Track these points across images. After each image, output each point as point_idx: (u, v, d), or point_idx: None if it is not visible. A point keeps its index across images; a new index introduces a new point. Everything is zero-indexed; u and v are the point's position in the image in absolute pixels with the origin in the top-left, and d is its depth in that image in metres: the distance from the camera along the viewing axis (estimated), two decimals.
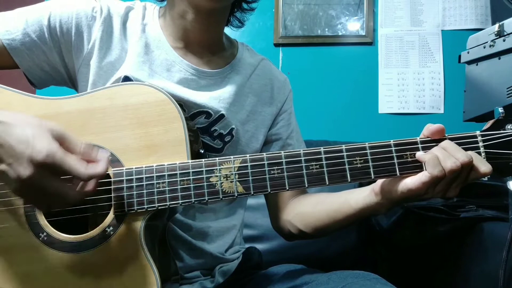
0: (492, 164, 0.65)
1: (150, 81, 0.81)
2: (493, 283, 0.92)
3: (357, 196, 0.77)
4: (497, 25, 0.91)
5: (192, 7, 0.83)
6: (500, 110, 0.68)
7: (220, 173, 0.69)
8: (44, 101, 0.74)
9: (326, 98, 1.97)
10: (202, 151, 0.79)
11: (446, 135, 0.68)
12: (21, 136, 0.58)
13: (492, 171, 0.64)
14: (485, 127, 0.69)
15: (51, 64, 0.84)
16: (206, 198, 0.69)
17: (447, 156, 0.64)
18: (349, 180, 0.68)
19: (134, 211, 0.69)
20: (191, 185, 0.69)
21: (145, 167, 0.70)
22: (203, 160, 0.70)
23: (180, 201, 0.69)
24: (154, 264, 0.68)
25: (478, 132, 0.68)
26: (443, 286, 1.20)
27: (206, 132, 0.85)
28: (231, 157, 0.70)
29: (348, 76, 1.97)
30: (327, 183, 0.68)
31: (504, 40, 0.90)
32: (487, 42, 0.94)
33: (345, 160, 0.68)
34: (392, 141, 0.68)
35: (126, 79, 0.81)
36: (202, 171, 0.69)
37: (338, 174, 0.68)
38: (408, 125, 1.92)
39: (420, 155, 0.66)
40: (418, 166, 0.67)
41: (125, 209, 0.69)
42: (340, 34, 2.00)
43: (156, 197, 0.69)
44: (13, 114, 0.62)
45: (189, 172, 0.69)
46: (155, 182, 0.69)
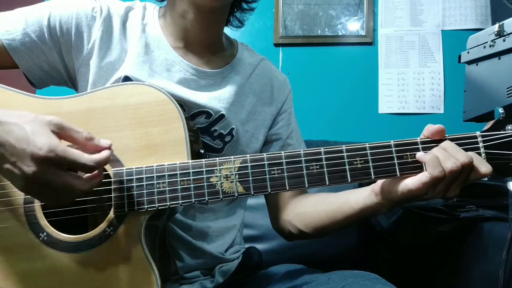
0: (492, 165, 0.65)
1: (150, 81, 0.81)
2: (493, 283, 0.92)
3: (357, 196, 0.77)
4: (497, 25, 0.91)
5: (193, 7, 0.83)
6: (501, 110, 0.68)
7: (220, 173, 0.69)
8: (44, 101, 0.74)
9: (326, 98, 1.97)
10: (202, 151, 0.79)
11: (446, 135, 0.68)
12: (20, 134, 0.58)
13: (492, 172, 0.64)
14: (485, 128, 0.69)
15: (51, 64, 0.84)
16: (206, 198, 0.69)
17: (447, 157, 0.64)
18: (349, 181, 0.68)
19: (134, 211, 0.69)
20: (191, 185, 0.69)
21: (145, 167, 0.70)
22: (203, 160, 0.70)
23: (180, 201, 0.69)
24: (154, 264, 0.68)
25: (478, 133, 0.68)
26: (443, 286, 1.19)
27: (206, 132, 0.85)
28: (231, 157, 0.70)
29: (348, 76, 1.97)
30: (327, 183, 0.68)
31: (504, 40, 0.90)
32: (487, 42, 0.94)
33: (345, 160, 0.68)
34: (392, 141, 0.68)
35: (126, 79, 0.81)
36: (202, 171, 0.69)
37: (338, 174, 0.68)
38: (408, 125, 1.92)
39: (420, 156, 0.67)
40: (418, 167, 0.67)
41: (125, 209, 0.69)
42: (340, 34, 2.00)
43: (156, 197, 0.69)
44: (9, 112, 0.61)
45: (189, 172, 0.69)
46: (155, 182, 0.69)
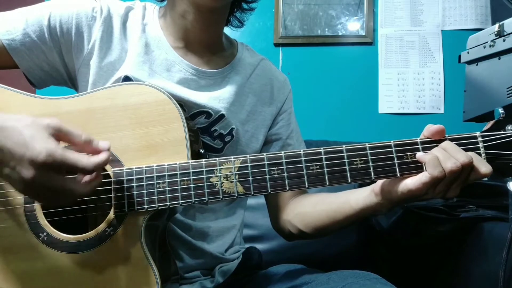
0: (492, 165, 0.65)
1: (150, 81, 0.81)
2: (493, 283, 0.92)
3: (357, 196, 0.77)
4: (497, 25, 0.91)
5: (193, 7, 0.83)
6: (500, 111, 0.68)
7: (221, 173, 0.69)
8: (44, 101, 0.74)
9: (326, 98, 1.96)
10: (202, 151, 0.79)
11: (446, 135, 0.68)
12: (18, 138, 0.58)
13: (492, 172, 0.64)
14: (485, 128, 0.69)
15: (51, 64, 0.84)
16: (206, 198, 0.69)
17: (447, 157, 0.64)
18: (349, 181, 0.68)
19: (134, 211, 0.69)
20: (191, 185, 0.69)
21: (145, 167, 0.70)
22: (203, 160, 0.70)
23: (180, 201, 0.69)
24: (154, 264, 0.68)
25: (478, 133, 0.68)
26: (443, 286, 1.19)
27: (206, 132, 0.85)
28: (232, 157, 0.70)
29: (348, 76, 1.97)
30: (327, 183, 0.68)
31: (504, 40, 0.90)
32: (487, 42, 0.94)
33: (346, 160, 0.68)
34: (392, 141, 0.68)
35: (126, 79, 0.81)
36: (203, 171, 0.69)
37: (339, 174, 0.68)
38: (408, 125, 1.92)
39: (420, 156, 0.67)
40: (418, 167, 0.67)
41: (125, 209, 0.69)
42: (340, 34, 2.00)
43: (156, 197, 0.69)
44: (6, 116, 0.61)
45: (189, 172, 0.69)
46: (155, 182, 0.69)
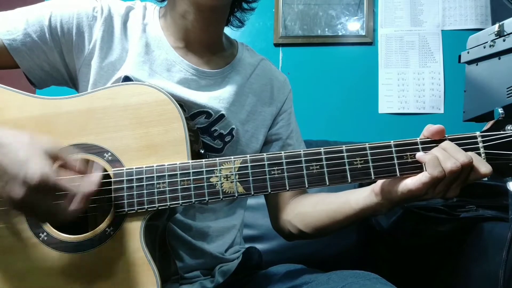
0: (492, 165, 0.65)
1: (150, 81, 0.81)
2: (493, 283, 0.92)
3: (357, 197, 0.77)
4: (497, 25, 0.91)
5: (194, 7, 0.83)
6: (500, 111, 0.68)
7: (221, 173, 0.69)
8: (44, 101, 0.74)
9: (326, 98, 1.97)
10: (202, 151, 0.79)
11: (446, 135, 0.68)
12: (15, 157, 0.58)
13: (492, 172, 0.64)
14: (485, 128, 0.69)
15: (52, 64, 0.84)
16: (207, 198, 0.69)
17: (447, 157, 0.64)
18: (349, 181, 0.68)
19: (134, 211, 0.69)
20: (192, 185, 0.69)
21: (145, 167, 0.70)
22: (203, 160, 0.70)
23: (181, 201, 0.69)
24: (154, 264, 0.68)
25: (478, 133, 0.68)
26: (443, 286, 1.19)
27: (206, 132, 0.85)
28: (232, 157, 0.70)
29: (348, 76, 1.97)
30: (327, 183, 0.68)
31: (504, 40, 0.90)
32: (487, 42, 0.94)
33: (346, 160, 0.68)
34: (392, 141, 0.68)
35: (126, 79, 0.81)
36: (203, 171, 0.69)
37: (339, 174, 0.68)
38: (408, 125, 1.92)
39: (420, 156, 0.67)
40: (418, 167, 0.67)
41: (125, 209, 0.69)
42: (340, 34, 2.00)
43: (156, 197, 0.69)
44: (6, 133, 0.61)
45: (189, 172, 0.69)
46: (155, 182, 0.69)
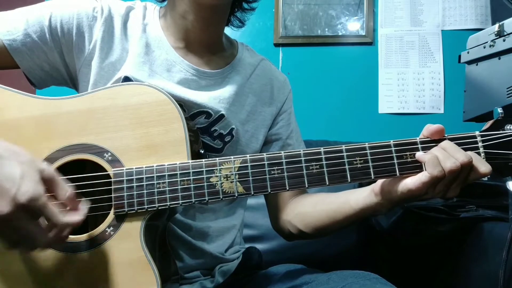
0: (492, 165, 0.65)
1: (150, 81, 0.81)
2: (493, 283, 0.92)
3: (357, 196, 0.77)
4: (497, 25, 0.92)
5: (194, 7, 0.83)
6: (500, 110, 0.68)
7: (221, 173, 0.69)
8: (44, 101, 0.74)
9: (326, 98, 1.97)
10: (202, 151, 0.79)
11: (445, 135, 0.68)
12: (9, 172, 0.56)
13: (492, 171, 0.64)
14: (484, 128, 0.69)
15: (52, 64, 0.84)
16: (207, 198, 0.69)
17: (446, 157, 0.64)
18: (349, 181, 0.68)
19: (134, 211, 0.69)
20: (192, 185, 0.69)
21: (145, 167, 0.70)
22: (203, 160, 0.70)
23: (181, 201, 0.69)
24: (154, 264, 0.68)
25: (477, 133, 0.68)
26: (443, 286, 1.19)
27: (206, 132, 0.85)
28: (232, 157, 0.70)
29: (348, 76, 1.97)
30: (327, 183, 0.68)
31: (504, 40, 0.90)
32: (487, 42, 0.94)
33: (345, 160, 0.68)
34: (392, 141, 0.68)
35: (126, 79, 0.82)
36: (203, 171, 0.69)
37: (338, 174, 0.68)
38: (408, 125, 1.92)
39: (420, 156, 0.67)
40: (418, 167, 0.67)
41: (125, 209, 0.69)
42: (340, 34, 2.00)
43: (156, 197, 0.69)
44: (6, 146, 0.60)
45: (189, 172, 0.69)
46: (155, 182, 0.69)
